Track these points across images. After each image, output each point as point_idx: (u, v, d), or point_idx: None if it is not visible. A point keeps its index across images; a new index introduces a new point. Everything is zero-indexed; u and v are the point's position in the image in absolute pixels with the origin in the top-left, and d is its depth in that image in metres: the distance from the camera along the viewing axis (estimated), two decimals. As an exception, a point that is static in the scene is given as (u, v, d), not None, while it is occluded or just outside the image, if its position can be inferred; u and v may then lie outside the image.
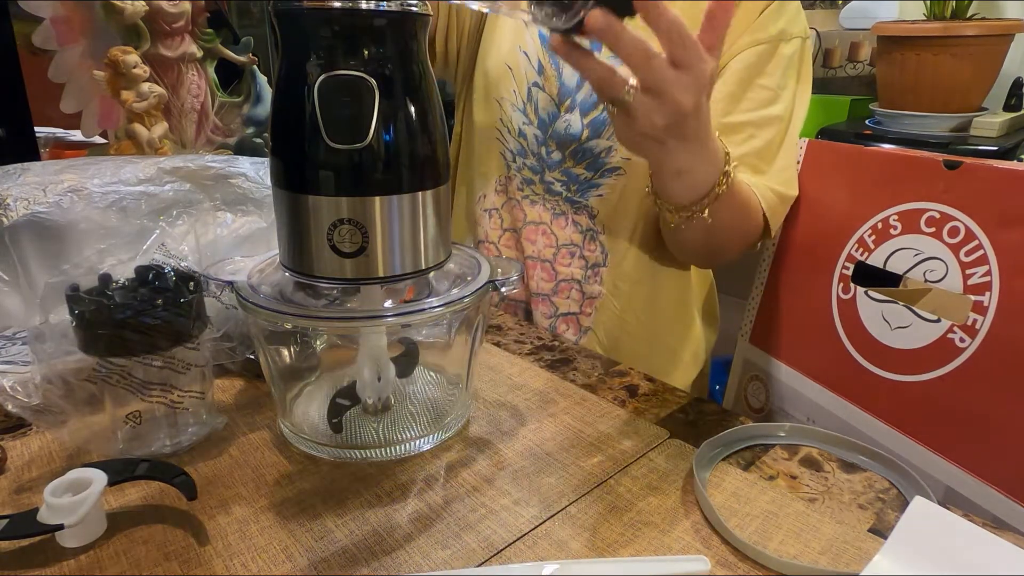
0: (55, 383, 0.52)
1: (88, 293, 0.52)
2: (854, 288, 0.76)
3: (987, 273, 0.65)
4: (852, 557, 0.46)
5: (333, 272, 0.50)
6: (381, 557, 0.45)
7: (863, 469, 0.55)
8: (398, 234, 0.50)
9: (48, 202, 0.63)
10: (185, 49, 0.99)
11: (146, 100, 0.91)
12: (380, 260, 0.50)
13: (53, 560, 0.45)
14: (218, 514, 0.49)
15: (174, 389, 0.54)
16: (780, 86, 0.79)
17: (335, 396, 0.58)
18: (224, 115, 1.08)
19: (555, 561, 0.45)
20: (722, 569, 0.45)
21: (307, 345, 0.61)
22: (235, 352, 0.63)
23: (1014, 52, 1.28)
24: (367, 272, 0.50)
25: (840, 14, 1.60)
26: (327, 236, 0.49)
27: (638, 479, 0.53)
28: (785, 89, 0.80)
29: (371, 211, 0.49)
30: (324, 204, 0.48)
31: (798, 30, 0.80)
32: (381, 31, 0.47)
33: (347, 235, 0.49)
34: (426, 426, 0.58)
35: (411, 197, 0.50)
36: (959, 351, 0.66)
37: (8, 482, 0.52)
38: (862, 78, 1.56)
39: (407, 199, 0.50)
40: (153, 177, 0.69)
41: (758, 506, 0.50)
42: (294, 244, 0.51)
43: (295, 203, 0.50)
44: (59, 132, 1.25)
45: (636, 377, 0.69)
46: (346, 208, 0.48)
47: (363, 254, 0.49)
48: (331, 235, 0.49)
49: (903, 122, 1.30)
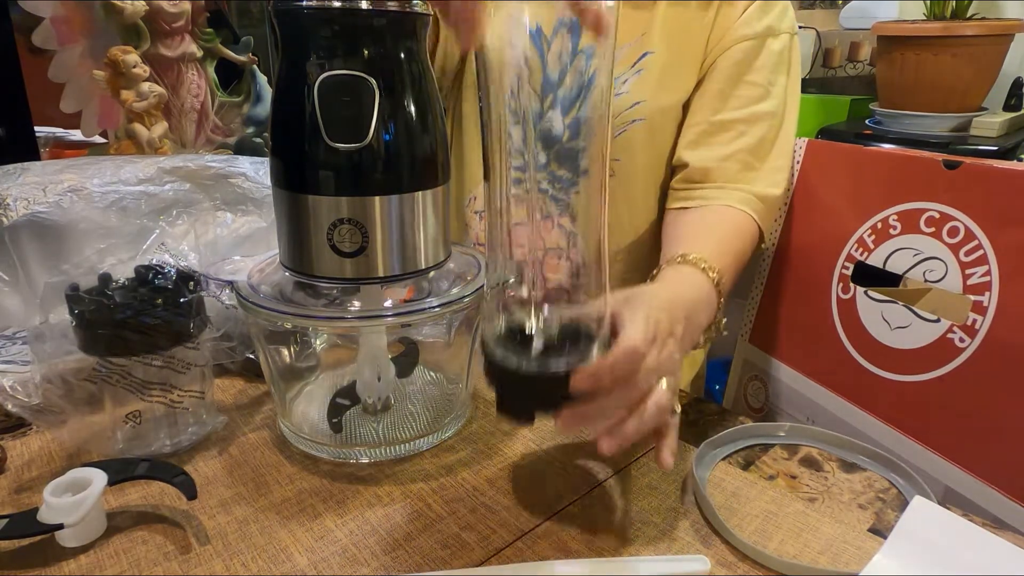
0: (55, 383, 0.52)
1: (88, 293, 0.52)
2: (854, 288, 0.76)
3: (987, 273, 0.65)
4: (852, 557, 0.46)
5: (333, 272, 0.50)
6: (381, 557, 0.45)
7: (863, 469, 0.55)
8: (398, 234, 0.50)
9: (48, 202, 0.63)
10: (185, 49, 0.99)
11: (146, 100, 0.91)
12: (380, 260, 0.50)
13: (53, 560, 0.45)
14: (218, 514, 0.49)
15: (174, 389, 0.54)
16: (770, 82, 0.79)
17: (335, 396, 0.58)
18: (224, 115, 1.08)
19: (555, 561, 0.45)
20: (722, 569, 0.45)
21: (307, 345, 0.61)
22: (235, 352, 0.63)
23: (1014, 52, 1.27)
24: (367, 272, 0.50)
25: (840, 14, 1.60)
26: (327, 236, 0.49)
27: (638, 479, 0.53)
28: (775, 85, 0.79)
29: (371, 211, 0.49)
30: (324, 204, 0.48)
31: (786, 26, 0.80)
32: (381, 31, 0.47)
33: (347, 235, 0.49)
34: (426, 426, 0.58)
35: (411, 197, 0.50)
36: (959, 351, 0.66)
37: (8, 482, 0.52)
38: (862, 78, 1.56)
39: (407, 199, 0.50)
40: (153, 177, 0.70)
41: (758, 506, 0.50)
42: (294, 244, 0.51)
43: (295, 203, 0.50)
44: (59, 132, 1.25)
45: (636, 377, 0.69)
46: (346, 208, 0.48)
47: (363, 254, 0.49)
48: (331, 235, 0.49)
49: (903, 122, 1.30)
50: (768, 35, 0.79)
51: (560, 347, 0.45)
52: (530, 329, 0.46)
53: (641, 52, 0.79)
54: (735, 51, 0.78)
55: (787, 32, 0.80)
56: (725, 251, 0.70)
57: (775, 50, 0.79)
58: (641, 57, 0.79)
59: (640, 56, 0.79)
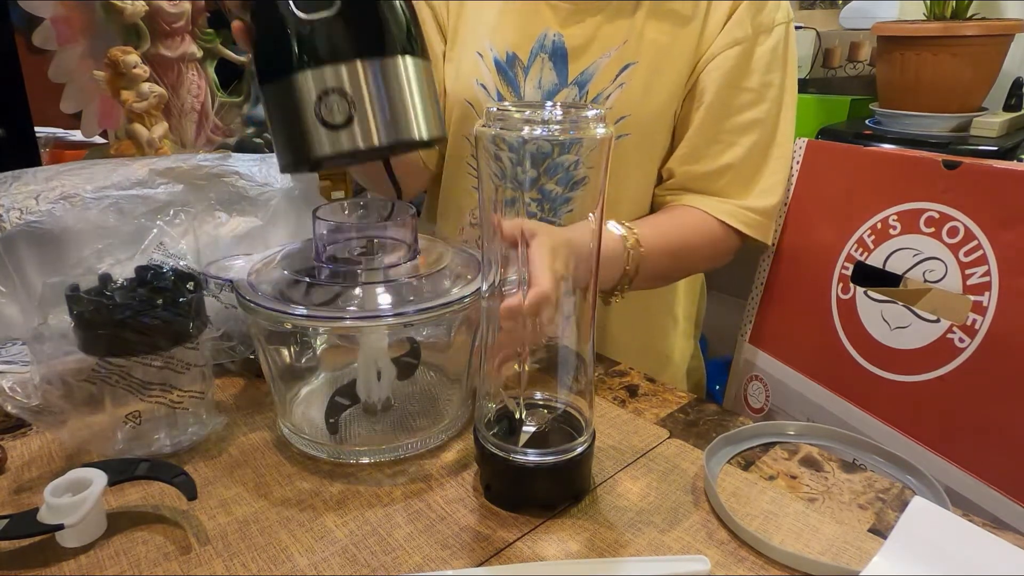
0: (55, 383, 0.52)
1: (87, 293, 0.52)
2: (854, 288, 0.76)
3: (986, 273, 0.65)
4: (852, 557, 0.46)
5: (328, 148, 0.50)
6: (381, 557, 0.45)
7: (863, 469, 0.55)
8: (384, 98, 0.50)
9: (41, 211, 0.63)
10: (185, 49, 0.98)
11: (146, 100, 0.91)
12: (372, 126, 0.50)
13: (53, 560, 0.45)
14: (218, 514, 0.49)
15: (174, 389, 0.54)
16: (764, 84, 0.77)
17: (334, 395, 0.58)
18: (224, 115, 1.08)
19: (555, 561, 0.45)
20: (722, 569, 0.45)
21: (307, 345, 0.61)
22: (235, 352, 0.63)
23: (1014, 52, 1.27)
24: (364, 141, 0.50)
25: (840, 14, 1.60)
26: (316, 112, 0.49)
27: (638, 479, 0.53)
28: (770, 87, 0.77)
29: (353, 76, 0.49)
30: (305, 81, 0.49)
31: (780, 16, 0.77)
32: None
33: (334, 106, 0.49)
34: (426, 426, 0.58)
35: (388, 61, 0.50)
36: (958, 351, 0.66)
37: (8, 482, 0.52)
38: (862, 78, 1.56)
39: (385, 63, 0.50)
40: (145, 180, 0.69)
41: (758, 506, 0.50)
42: (288, 136, 0.51)
43: (280, 92, 0.50)
44: (59, 132, 1.25)
45: (636, 377, 0.69)
46: (327, 77, 0.49)
47: (353, 122, 0.49)
48: (319, 111, 0.49)
49: (903, 122, 1.30)
50: (760, 32, 0.76)
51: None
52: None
53: (623, 64, 0.77)
54: (726, 59, 0.76)
55: (781, 23, 0.77)
56: (660, 232, 0.74)
57: (768, 48, 0.76)
58: (623, 70, 0.77)
59: (621, 69, 0.77)
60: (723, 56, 0.76)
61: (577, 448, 0.49)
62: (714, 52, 0.76)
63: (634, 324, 0.87)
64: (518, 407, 0.52)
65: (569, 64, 0.79)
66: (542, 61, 0.81)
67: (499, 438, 0.50)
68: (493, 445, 0.49)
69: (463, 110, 0.86)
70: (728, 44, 0.76)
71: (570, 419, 0.51)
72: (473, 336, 0.58)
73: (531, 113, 0.45)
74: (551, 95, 0.81)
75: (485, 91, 0.83)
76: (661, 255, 0.73)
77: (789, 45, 0.79)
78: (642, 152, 0.80)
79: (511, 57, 0.82)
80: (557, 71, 0.80)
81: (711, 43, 0.77)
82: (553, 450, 0.49)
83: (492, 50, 0.82)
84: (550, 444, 0.49)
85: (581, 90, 0.79)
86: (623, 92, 0.77)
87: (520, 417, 0.51)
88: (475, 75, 0.83)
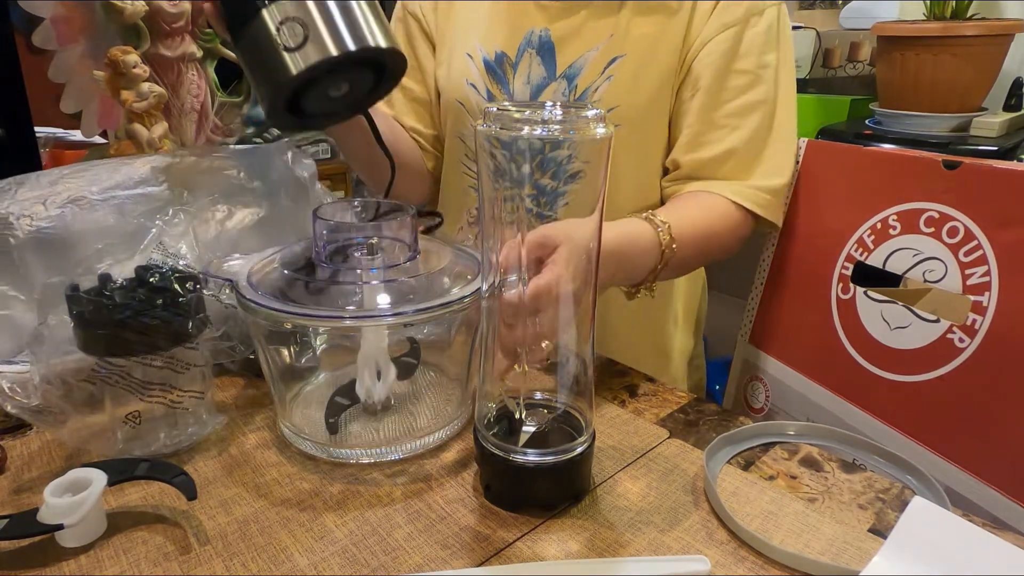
0: (54, 383, 0.52)
1: (87, 293, 0.52)
2: (854, 288, 0.76)
3: (986, 273, 0.65)
4: (852, 557, 0.46)
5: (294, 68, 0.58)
6: (381, 557, 0.45)
7: (863, 469, 0.55)
8: (331, 16, 0.58)
9: (50, 216, 0.63)
10: (185, 49, 0.98)
11: (146, 100, 0.91)
12: (328, 40, 0.58)
13: (53, 560, 0.45)
14: (218, 514, 0.49)
15: (174, 389, 0.54)
16: (760, 65, 0.76)
17: (334, 394, 0.58)
18: (224, 115, 1.08)
19: (555, 561, 0.45)
20: (722, 569, 0.45)
21: (307, 345, 0.61)
22: (235, 352, 0.63)
23: (1014, 52, 1.27)
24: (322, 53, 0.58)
25: (840, 14, 1.60)
26: (279, 43, 0.58)
27: (638, 479, 0.53)
28: (766, 67, 0.77)
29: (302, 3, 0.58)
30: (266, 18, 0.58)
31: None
32: None
33: (289, 33, 0.58)
34: (426, 426, 0.58)
35: None
36: (958, 351, 0.66)
37: (8, 482, 0.52)
38: (862, 78, 1.56)
39: None
40: (148, 178, 0.69)
41: (758, 506, 0.50)
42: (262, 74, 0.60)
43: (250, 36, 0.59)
44: (59, 132, 1.25)
45: (636, 377, 0.69)
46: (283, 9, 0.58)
47: (308, 40, 0.58)
48: (281, 40, 0.58)
49: (903, 122, 1.30)
50: (751, 14, 0.76)
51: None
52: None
53: (610, 57, 0.77)
54: (719, 42, 0.76)
55: (773, 4, 0.77)
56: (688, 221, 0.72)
57: (761, 30, 0.76)
58: (611, 63, 0.77)
59: (609, 62, 0.77)
60: (715, 41, 0.76)
61: (577, 448, 0.49)
62: (706, 38, 0.76)
63: (634, 320, 0.87)
64: (518, 407, 0.52)
65: (557, 57, 0.80)
66: (530, 56, 0.81)
67: (499, 438, 0.50)
68: (493, 445, 0.49)
69: (456, 111, 0.86)
70: (719, 28, 0.76)
71: (570, 419, 0.51)
72: (473, 336, 0.58)
73: (530, 113, 0.45)
74: (540, 88, 0.81)
75: (476, 91, 0.84)
76: (690, 244, 0.71)
77: (782, 26, 0.78)
78: (634, 143, 0.80)
79: (500, 56, 0.82)
80: (545, 65, 0.80)
81: (701, 29, 0.77)
82: (553, 450, 0.49)
83: (481, 50, 0.83)
84: (550, 444, 0.49)
85: (570, 83, 0.79)
86: (611, 84, 0.78)
87: (520, 417, 0.51)
88: (465, 75, 0.84)
